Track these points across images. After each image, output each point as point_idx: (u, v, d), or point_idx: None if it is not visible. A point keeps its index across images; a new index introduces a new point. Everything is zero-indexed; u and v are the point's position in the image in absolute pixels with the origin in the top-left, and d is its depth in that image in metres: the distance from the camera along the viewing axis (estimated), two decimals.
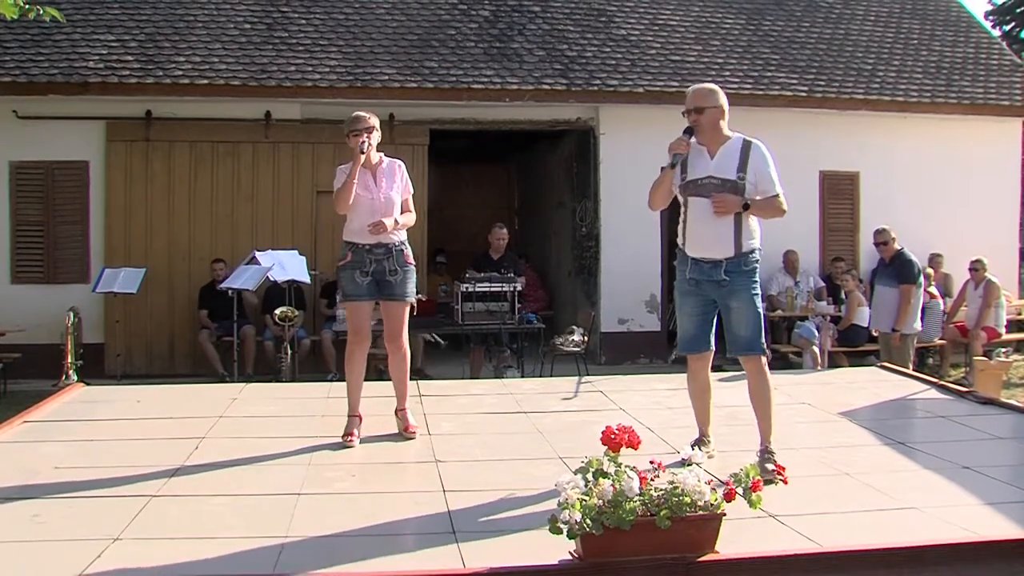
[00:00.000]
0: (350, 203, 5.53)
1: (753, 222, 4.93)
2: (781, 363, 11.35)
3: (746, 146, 4.93)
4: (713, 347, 5.12)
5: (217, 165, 11.61)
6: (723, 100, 4.99)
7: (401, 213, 5.63)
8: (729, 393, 6.26)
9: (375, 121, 5.65)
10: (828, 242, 13.11)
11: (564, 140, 13.76)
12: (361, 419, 5.60)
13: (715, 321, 5.08)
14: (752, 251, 4.90)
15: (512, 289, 9.73)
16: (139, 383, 8.89)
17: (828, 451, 5.33)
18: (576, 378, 7.97)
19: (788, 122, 12.61)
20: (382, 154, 5.72)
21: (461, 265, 11.07)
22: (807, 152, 12.75)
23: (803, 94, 12.58)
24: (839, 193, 13.12)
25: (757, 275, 4.94)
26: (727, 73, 12.58)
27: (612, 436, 3.55)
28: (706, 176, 4.88)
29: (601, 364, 11.88)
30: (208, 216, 11.58)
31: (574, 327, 10.71)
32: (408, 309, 5.69)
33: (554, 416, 6.29)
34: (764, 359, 4.95)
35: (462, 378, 9.30)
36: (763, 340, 4.93)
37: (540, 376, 9.72)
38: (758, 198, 4.86)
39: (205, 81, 11.19)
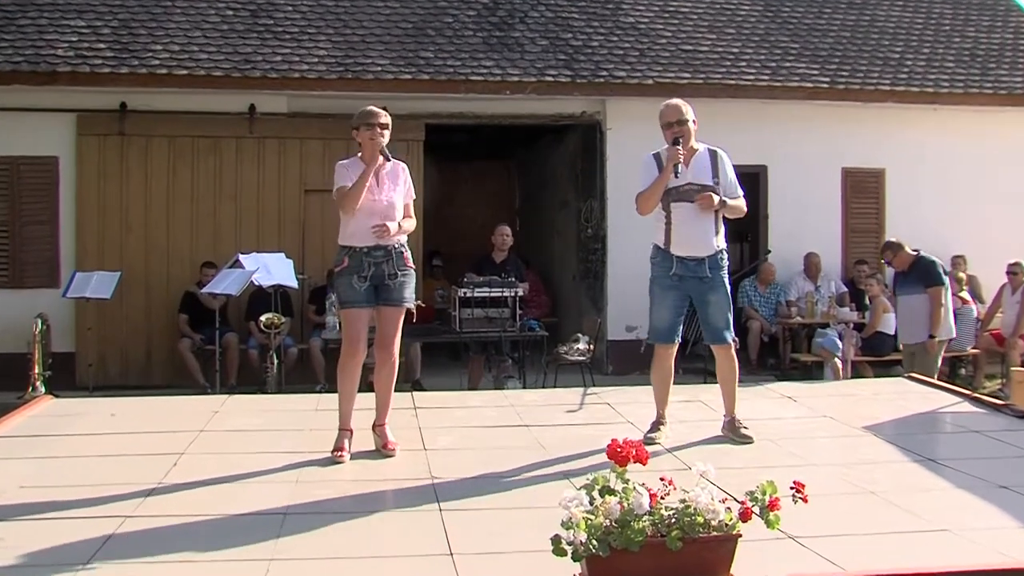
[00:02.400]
0: (359, 206, 5.57)
1: (721, 225, 5.89)
2: (801, 374, 11.35)
3: (713, 155, 5.90)
4: (680, 339, 6.00)
5: (198, 161, 11.61)
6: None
7: (403, 218, 5.70)
8: (746, 407, 6.25)
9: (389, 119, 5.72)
10: (851, 244, 13.10)
11: (568, 135, 13.77)
12: (352, 433, 5.62)
13: (684, 316, 6.00)
14: (723, 249, 5.90)
15: (513, 294, 9.74)
16: (113, 395, 8.88)
17: (851, 468, 5.33)
18: (581, 389, 8.00)
19: (808, 116, 12.63)
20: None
21: (459, 269, 11.07)
22: (829, 148, 12.77)
23: (824, 85, 12.58)
24: (863, 192, 13.11)
25: (728, 272, 5.95)
26: (743, 63, 12.60)
27: (618, 450, 3.54)
28: (686, 183, 5.77)
29: (608, 374, 11.88)
30: (188, 216, 11.58)
31: (579, 335, 10.71)
32: (404, 316, 5.73)
33: (558, 430, 6.30)
34: (734, 346, 5.95)
35: (460, 389, 9.32)
36: (732, 330, 5.96)
37: (543, 387, 9.73)
38: (728, 200, 5.82)
39: (184, 71, 11.19)
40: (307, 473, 5.21)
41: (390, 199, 5.65)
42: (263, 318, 10.18)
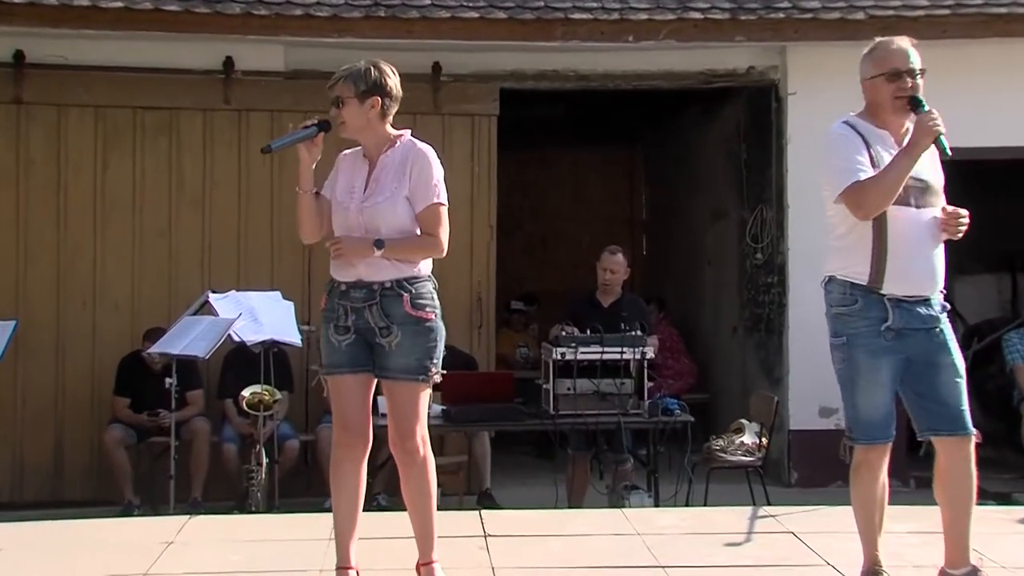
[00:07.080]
0: (313, 226, 5.72)
1: None
2: None
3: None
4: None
5: (143, 146, 11.77)
6: None
7: (420, 233, 5.59)
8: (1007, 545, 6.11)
9: (370, 79, 5.72)
10: None
11: (726, 106, 13.89)
12: (357, 573, 5.70)
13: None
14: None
15: (638, 356, 9.69)
16: (1, 518, 8.93)
17: None
18: (748, 509, 8.05)
19: None
20: (406, 132, 5.76)
21: (554, 315, 11.01)
22: None
23: None
24: None
25: None
26: None
27: None
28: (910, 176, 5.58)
29: (791, 486, 11.90)
30: (127, 232, 11.72)
31: (743, 421, 10.65)
32: (422, 392, 5.66)
33: (713, 573, 6.29)
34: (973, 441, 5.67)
35: (554, 506, 9.36)
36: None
37: (687, 504, 9.73)
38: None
39: (118, 3, 11.10)
40: None
41: (376, 205, 5.57)
42: (246, 393, 10.22)
